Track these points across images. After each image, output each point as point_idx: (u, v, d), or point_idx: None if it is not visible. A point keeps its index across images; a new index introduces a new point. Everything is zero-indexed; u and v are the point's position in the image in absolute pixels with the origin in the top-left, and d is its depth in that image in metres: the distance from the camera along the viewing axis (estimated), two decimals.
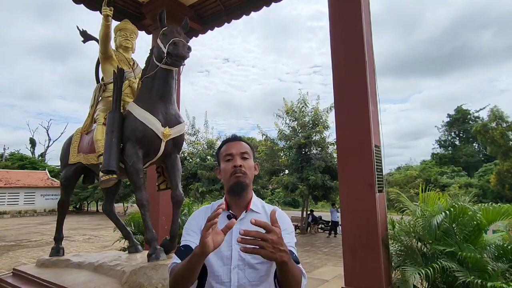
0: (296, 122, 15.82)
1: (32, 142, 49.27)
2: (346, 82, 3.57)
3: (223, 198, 1.48)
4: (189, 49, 2.79)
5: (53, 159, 49.58)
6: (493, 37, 69.20)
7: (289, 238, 1.37)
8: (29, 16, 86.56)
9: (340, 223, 6.57)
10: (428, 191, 3.93)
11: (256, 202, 1.46)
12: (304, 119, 15.62)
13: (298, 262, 1.29)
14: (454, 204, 3.45)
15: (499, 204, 3.64)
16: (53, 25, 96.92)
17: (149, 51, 3.31)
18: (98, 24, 3.39)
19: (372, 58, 3.65)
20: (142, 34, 5.34)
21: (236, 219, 1.39)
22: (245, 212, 1.41)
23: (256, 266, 1.33)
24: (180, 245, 1.40)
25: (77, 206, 33.33)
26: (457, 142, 41.29)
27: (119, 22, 3.86)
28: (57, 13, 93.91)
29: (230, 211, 1.42)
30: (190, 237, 1.40)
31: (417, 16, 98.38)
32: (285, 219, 1.43)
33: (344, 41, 3.63)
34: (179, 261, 1.31)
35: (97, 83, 3.75)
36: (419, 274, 3.05)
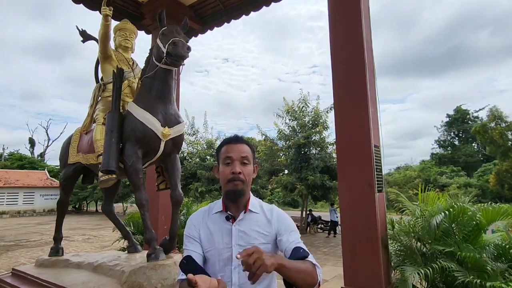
0: (295, 122, 15.82)
1: (31, 142, 49.22)
2: (345, 82, 3.57)
3: (221, 199, 1.49)
4: (189, 49, 2.79)
5: (53, 159, 49.45)
6: (490, 37, 69.39)
7: (294, 235, 1.39)
8: (25, 15, 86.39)
9: (339, 223, 6.58)
10: (427, 191, 3.93)
11: (254, 202, 1.46)
12: (304, 119, 15.62)
13: (306, 256, 1.29)
14: (453, 204, 3.45)
15: (498, 204, 3.64)
16: (50, 24, 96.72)
17: (148, 51, 3.31)
18: (94, 24, 3.39)
19: (371, 58, 3.65)
20: (141, 34, 5.34)
21: (235, 220, 1.41)
22: (244, 213, 1.42)
23: None
24: (183, 255, 1.41)
25: (77, 206, 33.29)
26: (456, 142, 41.32)
27: (118, 22, 3.86)
28: (53, 12, 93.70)
29: (228, 212, 1.42)
30: (191, 245, 1.42)
31: (414, 16, 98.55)
32: (284, 218, 1.44)
33: (344, 41, 3.63)
34: (184, 276, 1.32)
35: (97, 83, 3.74)
36: (418, 274, 3.05)
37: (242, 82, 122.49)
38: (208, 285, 0.98)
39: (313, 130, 15.05)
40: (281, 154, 16.44)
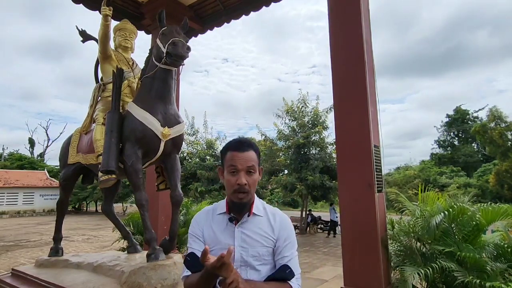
0: (295, 122, 15.83)
1: (31, 142, 49.16)
2: (345, 82, 3.57)
3: (225, 199, 1.48)
4: (189, 49, 2.79)
5: (52, 159, 49.27)
6: (489, 37, 69.27)
7: (290, 249, 1.39)
8: (24, 15, 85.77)
9: (339, 223, 6.59)
10: (427, 191, 3.93)
11: (258, 205, 1.45)
12: (303, 119, 15.63)
13: (288, 278, 1.31)
14: (453, 204, 3.45)
15: (498, 204, 3.64)
16: (49, 24, 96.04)
17: (148, 51, 3.31)
18: (94, 24, 3.39)
19: (371, 58, 3.65)
20: (141, 34, 5.35)
21: (238, 221, 1.41)
22: (248, 216, 1.41)
23: (257, 267, 1.36)
24: (187, 252, 1.41)
25: (76, 206, 33.26)
26: (456, 142, 41.31)
27: (118, 22, 3.86)
28: (53, 12, 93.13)
29: (231, 214, 1.42)
30: (195, 243, 1.43)
31: (412, 15, 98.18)
32: (286, 227, 1.45)
33: (344, 41, 3.63)
34: (189, 272, 1.34)
35: (96, 83, 3.75)
36: (418, 274, 3.05)
37: (242, 82, 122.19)
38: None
39: (313, 130, 15.06)
40: (280, 154, 16.43)
